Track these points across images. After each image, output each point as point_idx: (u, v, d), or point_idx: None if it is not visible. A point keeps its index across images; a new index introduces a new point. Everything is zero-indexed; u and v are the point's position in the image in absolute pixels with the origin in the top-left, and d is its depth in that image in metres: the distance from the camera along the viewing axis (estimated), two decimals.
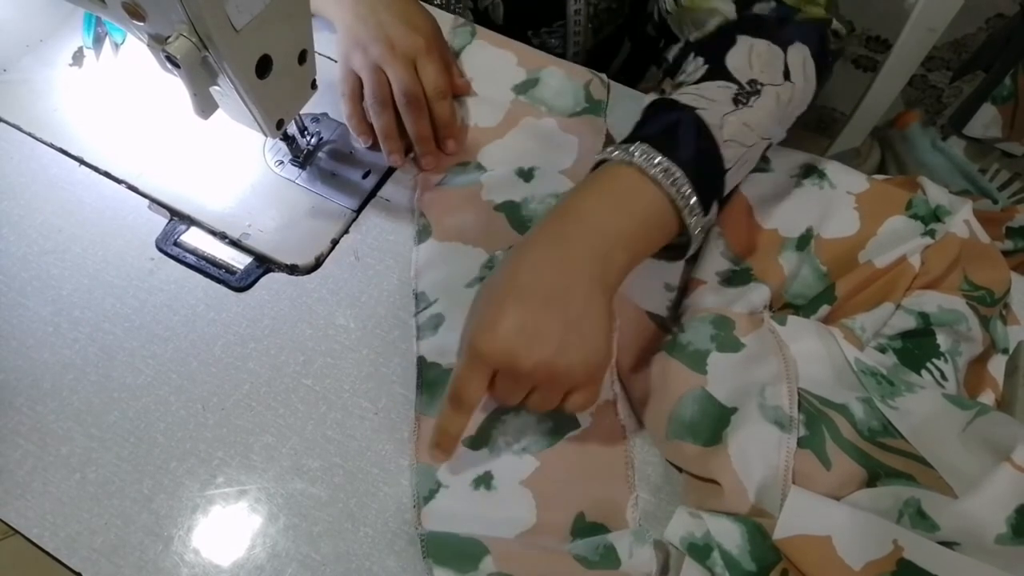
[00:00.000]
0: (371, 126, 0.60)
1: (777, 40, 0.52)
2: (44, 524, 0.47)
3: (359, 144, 0.61)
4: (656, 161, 0.46)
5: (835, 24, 0.55)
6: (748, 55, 0.51)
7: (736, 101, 0.49)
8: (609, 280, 0.45)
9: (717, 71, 0.50)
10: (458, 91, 0.64)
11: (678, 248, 0.50)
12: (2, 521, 0.47)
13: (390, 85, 0.59)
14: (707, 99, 0.49)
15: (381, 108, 0.59)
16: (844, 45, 0.56)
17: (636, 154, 0.46)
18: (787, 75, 0.51)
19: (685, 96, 0.49)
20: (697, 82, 0.50)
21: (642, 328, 0.54)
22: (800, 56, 0.52)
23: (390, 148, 0.59)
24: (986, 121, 0.93)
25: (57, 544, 0.46)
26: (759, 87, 0.50)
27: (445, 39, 0.65)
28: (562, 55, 0.71)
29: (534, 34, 0.75)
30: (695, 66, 0.52)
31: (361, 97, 0.60)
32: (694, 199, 0.46)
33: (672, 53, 0.61)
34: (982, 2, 1.17)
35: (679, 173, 0.46)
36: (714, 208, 0.49)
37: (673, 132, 0.47)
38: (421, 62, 0.60)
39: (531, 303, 0.43)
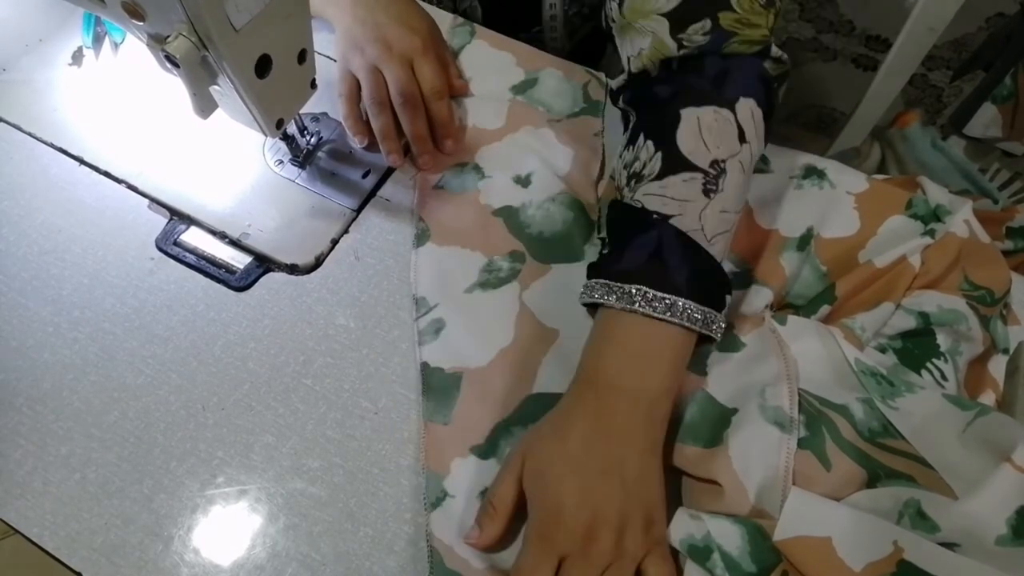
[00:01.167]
0: (368, 126, 0.60)
1: (721, 102, 0.49)
2: (44, 524, 0.47)
3: (356, 145, 0.61)
4: (658, 305, 0.45)
5: (775, 51, 0.52)
6: (699, 132, 0.49)
7: (707, 192, 0.48)
8: (656, 434, 0.46)
9: (674, 159, 0.48)
10: (456, 92, 0.64)
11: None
12: (2, 521, 0.47)
13: (387, 86, 0.59)
14: (677, 200, 0.47)
15: (379, 109, 0.58)
16: (788, 68, 0.54)
17: (637, 302, 0.46)
18: (742, 137, 0.49)
19: (653, 200, 0.48)
20: (658, 176, 0.48)
21: None
22: (748, 111, 0.50)
23: (388, 148, 0.59)
24: (986, 121, 0.93)
25: (57, 544, 0.46)
26: (722, 165, 0.48)
27: (444, 39, 0.64)
28: None
29: (512, 39, 0.75)
30: (647, 153, 0.50)
31: (358, 98, 0.60)
32: (707, 315, 0.46)
33: (620, 96, 0.58)
34: (982, 1, 1.17)
35: (684, 303, 0.46)
36: (727, 299, 0.49)
37: (659, 258, 0.47)
38: (418, 62, 0.59)
39: (589, 478, 0.43)
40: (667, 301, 0.45)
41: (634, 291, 0.46)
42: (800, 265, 0.55)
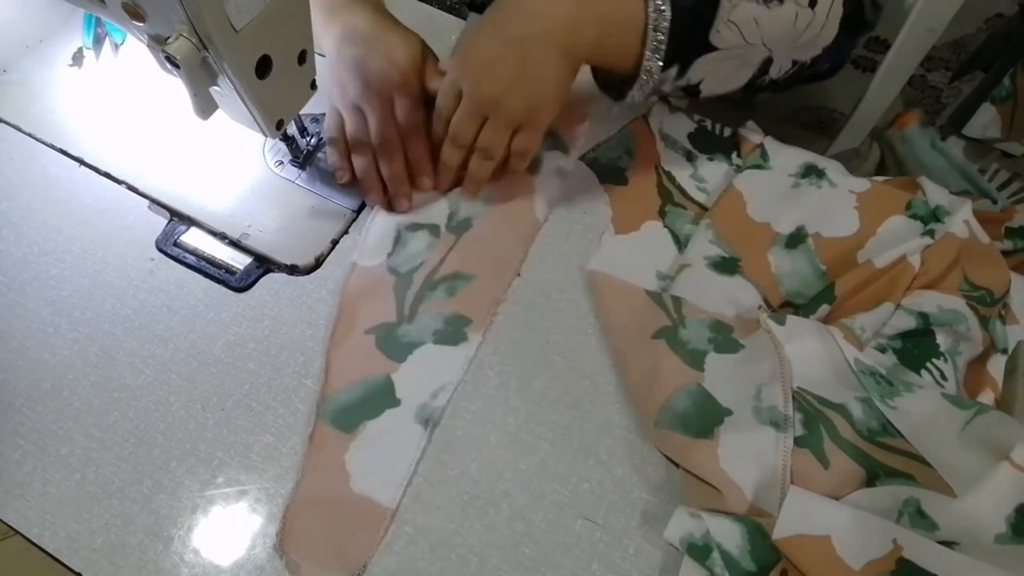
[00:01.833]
0: (351, 163, 0.59)
1: None
2: (44, 524, 0.47)
3: (339, 180, 0.59)
4: None
5: None
6: None
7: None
8: (574, 51, 0.52)
9: None
10: None
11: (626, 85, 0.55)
12: (2, 521, 0.47)
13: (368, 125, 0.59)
14: None
15: (359, 150, 0.58)
16: (875, 21, 0.59)
17: None
18: (813, 3, 0.53)
19: None
20: None
21: (636, 304, 0.54)
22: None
23: (367, 187, 0.59)
24: (985, 121, 0.93)
25: (57, 544, 0.46)
26: None
27: (428, 58, 0.61)
28: None
29: None
30: None
31: (345, 137, 0.59)
32: (663, 40, 0.51)
33: None
34: (981, 2, 1.17)
35: (667, 8, 0.50)
36: (673, 69, 0.53)
37: None
38: (396, 97, 0.58)
39: (496, 43, 0.53)
40: None
41: None
42: (789, 263, 0.55)
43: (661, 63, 0.52)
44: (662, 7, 0.50)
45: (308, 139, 0.60)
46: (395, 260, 0.57)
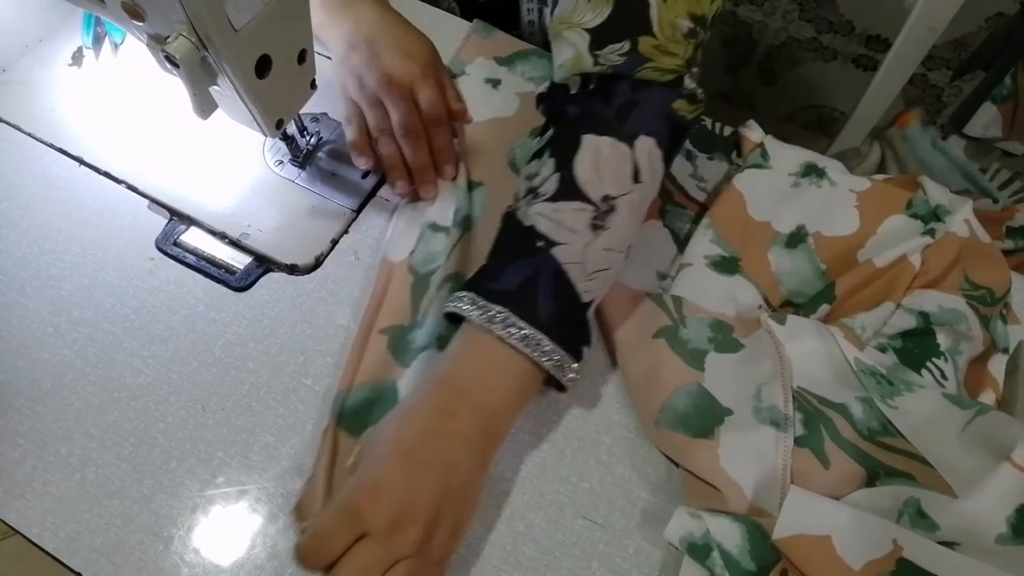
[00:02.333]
0: (374, 152, 0.60)
1: (622, 135, 0.49)
2: (44, 524, 0.47)
3: (360, 166, 0.60)
4: (515, 332, 0.45)
5: (688, 84, 0.51)
6: (596, 163, 0.48)
7: (595, 227, 0.47)
8: (491, 452, 0.47)
9: (568, 185, 0.48)
10: (455, 116, 0.63)
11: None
12: (2, 521, 0.47)
13: (389, 116, 0.59)
14: (566, 229, 0.47)
15: (386, 139, 0.59)
16: (702, 109, 0.53)
17: (496, 323, 0.45)
18: (636, 176, 0.49)
19: (543, 222, 0.47)
20: (551, 199, 0.48)
21: (636, 303, 0.54)
22: (646, 150, 0.49)
23: (397, 176, 0.59)
24: (986, 120, 0.93)
25: (57, 544, 0.46)
26: (613, 202, 0.48)
27: (440, 62, 0.63)
28: None
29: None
30: (548, 171, 0.49)
31: (363, 124, 0.59)
32: (559, 357, 0.46)
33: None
34: (982, 1, 1.17)
35: (541, 337, 0.45)
36: (584, 351, 0.48)
37: (531, 287, 0.46)
38: (417, 89, 0.59)
39: (417, 468, 0.43)
40: (524, 331, 0.45)
41: (496, 313, 0.46)
42: (789, 262, 0.55)
43: (574, 364, 0.47)
44: (547, 349, 0.45)
45: (308, 138, 0.60)
46: (415, 258, 0.57)
